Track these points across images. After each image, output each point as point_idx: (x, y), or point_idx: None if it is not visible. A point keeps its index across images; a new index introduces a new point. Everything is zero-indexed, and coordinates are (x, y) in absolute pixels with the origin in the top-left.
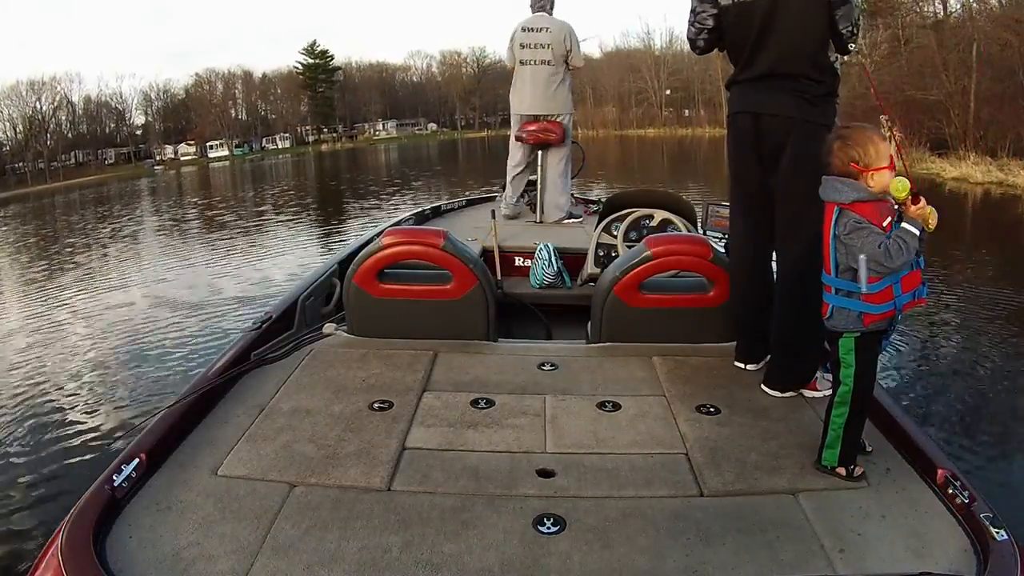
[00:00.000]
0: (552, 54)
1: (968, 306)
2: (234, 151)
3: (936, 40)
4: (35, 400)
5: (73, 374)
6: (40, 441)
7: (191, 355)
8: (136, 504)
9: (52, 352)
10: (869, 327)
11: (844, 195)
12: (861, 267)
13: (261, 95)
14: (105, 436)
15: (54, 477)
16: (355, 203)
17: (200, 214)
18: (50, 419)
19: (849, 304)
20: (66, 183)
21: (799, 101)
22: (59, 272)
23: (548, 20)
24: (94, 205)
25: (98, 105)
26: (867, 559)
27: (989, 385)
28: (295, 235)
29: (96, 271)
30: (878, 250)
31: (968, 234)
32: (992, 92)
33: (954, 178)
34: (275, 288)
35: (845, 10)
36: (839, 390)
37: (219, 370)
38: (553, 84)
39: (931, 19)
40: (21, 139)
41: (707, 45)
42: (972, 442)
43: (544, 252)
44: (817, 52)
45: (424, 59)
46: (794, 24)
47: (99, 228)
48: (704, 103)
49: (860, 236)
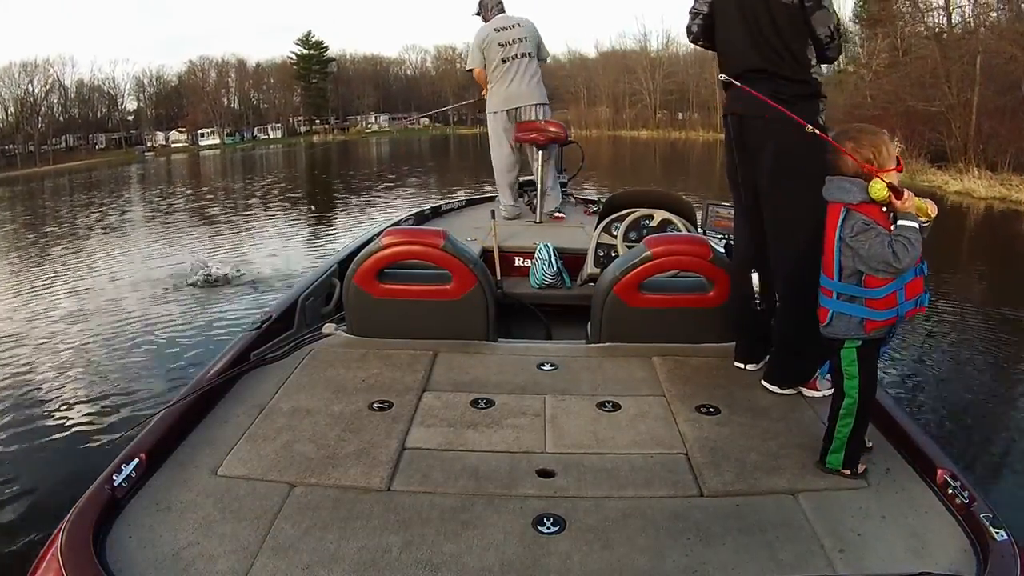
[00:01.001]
0: (531, 47)
1: (970, 313)
2: (225, 140)
3: (940, 51)
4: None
5: (63, 364)
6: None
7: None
8: (136, 504)
9: (41, 342)
10: (871, 334)
11: (853, 195)
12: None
13: (254, 84)
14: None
15: (53, 477)
16: (347, 199)
17: (184, 204)
18: (42, 415)
19: (851, 309)
20: (55, 167)
21: (776, 102)
22: (40, 263)
23: (516, 18)
24: (84, 190)
25: (91, 89)
26: (867, 559)
27: (989, 386)
28: (281, 233)
29: (77, 262)
30: (887, 250)
31: (971, 249)
32: (994, 105)
33: (956, 192)
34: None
35: (820, 15)
36: (844, 402)
37: (219, 370)
38: (536, 76)
39: (936, 30)
40: (12, 121)
41: (700, 32)
42: (972, 442)
43: (544, 252)
44: (795, 53)
45: (419, 53)
46: (772, 23)
47: (85, 217)
48: (699, 106)
49: (868, 237)
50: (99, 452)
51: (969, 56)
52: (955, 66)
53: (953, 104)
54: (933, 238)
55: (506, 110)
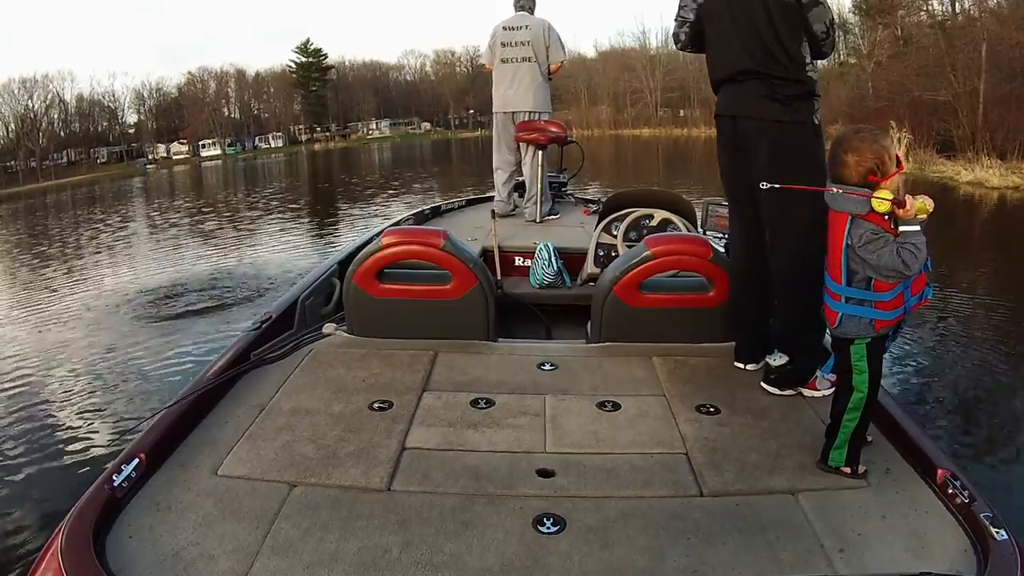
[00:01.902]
0: (533, 51)
1: (975, 310)
2: (226, 150)
3: (945, 40)
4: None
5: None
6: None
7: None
8: (136, 504)
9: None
10: (880, 332)
11: (860, 206)
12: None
13: (254, 94)
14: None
15: (53, 477)
16: (348, 207)
17: (187, 217)
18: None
19: (861, 312)
20: (57, 182)
21: (771, 102)
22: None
23: (528, 19)
24: (86, 205)
25: (91, 103)
26: (867, 559)
27: (990, 386)
28: (285, 244)
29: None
30: (896, 259)
31: (987, 241)
32: (1001, 93)
33: (969, 182)
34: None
35: (817, 11)
36: (853, 397)
37: (219, 370)
38: (534, 82)
39: (940, 17)
40: (13, 138)
41: (688, 40)
42: (972, 442)
43: (544, 252)
44: (790, 52)
45: (418, 58)
46: (768, 23)
47: (87, 234)
48: (700, 103)
49: (877, 247)
50: (99, 452)
51: (974, 44)
52: (960, 54)
53: (959, 93)
54: (949, 232)
55: (501, 112)
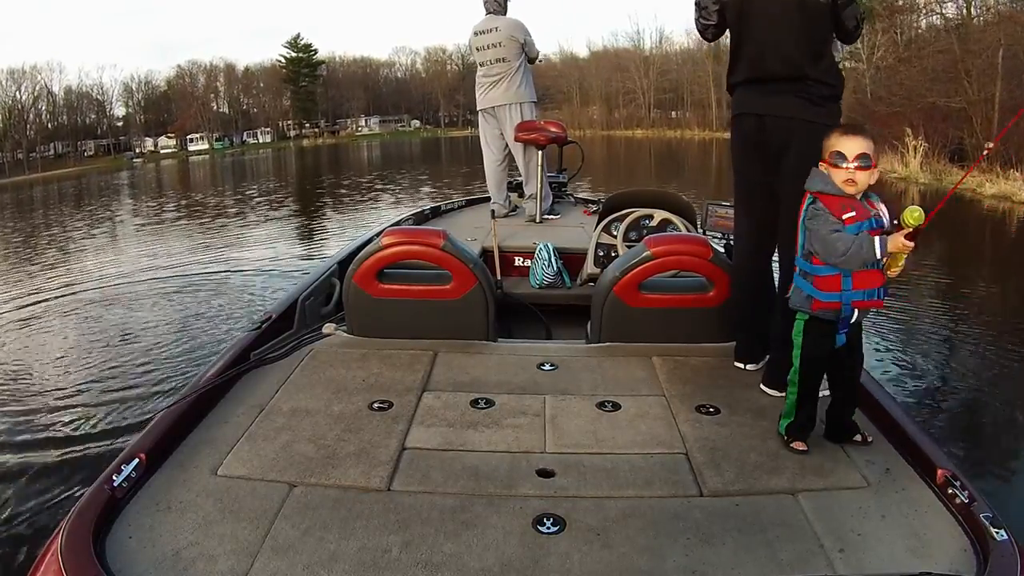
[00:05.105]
0: (506, 51)
1: (980, 316)
2: (214, 145)
3: (959, 45)
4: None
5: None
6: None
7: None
8: (136, 504)
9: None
10: (816, 312)
11: (812, 184)
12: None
13: (243, 88)
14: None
15: (53, 476)
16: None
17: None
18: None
19: (802, 285)
20: (44, 175)
21: (804, 102)
22: None
23: (498, 20)
24: (73, 199)
25: (79, 96)
26: (867, 559)
27: (990, 387)
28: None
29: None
30: (829, 237)
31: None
32: (1017, 101)
33: (993, 196)
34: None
35: (851, 10)
36: (791, 370)
37: (219, 370)
38: (506, 79)
39: (955, 23)
40: (0, 129)
41: (715, 37)
42: (972, 442)
43: (544, 252)
44: (822, 54)
45: (409, 55)
46: (798, 25)
47: (79, 223)
48: (693, 104)
49: (816, 222)
50: (99, 452)
51: (991, 50)
52: (976, 60)
53: (974, 100)
54: (972, 245)
55: (484, 109)
